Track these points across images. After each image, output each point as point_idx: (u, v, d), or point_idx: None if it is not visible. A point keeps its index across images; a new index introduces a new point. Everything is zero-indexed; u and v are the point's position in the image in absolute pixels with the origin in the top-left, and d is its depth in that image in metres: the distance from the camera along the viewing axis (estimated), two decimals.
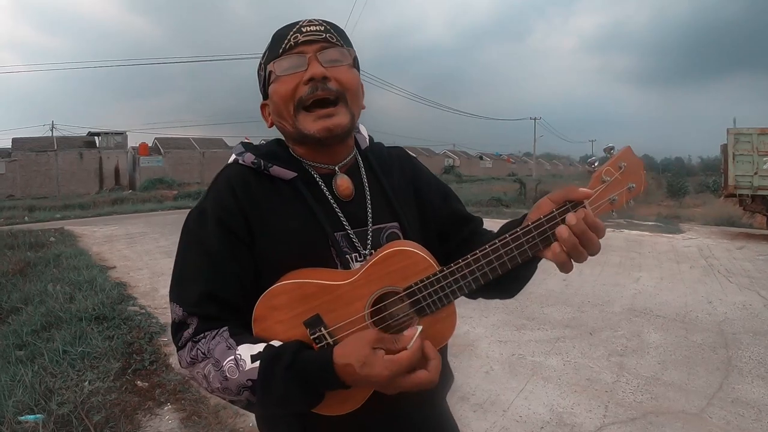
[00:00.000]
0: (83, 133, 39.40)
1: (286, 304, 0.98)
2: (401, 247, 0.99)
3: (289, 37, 1.05)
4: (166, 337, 4.87)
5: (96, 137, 38.07)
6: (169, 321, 1.07)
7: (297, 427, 1.06)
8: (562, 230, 0.91)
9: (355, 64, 1.11)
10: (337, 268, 1.04)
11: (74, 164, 34.36)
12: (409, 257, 0.98)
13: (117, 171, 35.88)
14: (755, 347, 4.63)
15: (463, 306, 1.15)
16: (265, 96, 1.13)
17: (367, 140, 1.21)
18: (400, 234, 1.10)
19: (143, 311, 5.81)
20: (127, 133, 39.00)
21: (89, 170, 34.76)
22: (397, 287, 0.97)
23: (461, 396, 3.68)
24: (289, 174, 1.08)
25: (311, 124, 1.04)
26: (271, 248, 1.04)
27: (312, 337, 0.95)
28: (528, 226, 0.94)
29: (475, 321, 5.33)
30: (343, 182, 1.10)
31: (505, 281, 1.02)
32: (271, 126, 1.13)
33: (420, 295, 0.96)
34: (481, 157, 65.97)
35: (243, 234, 1.03)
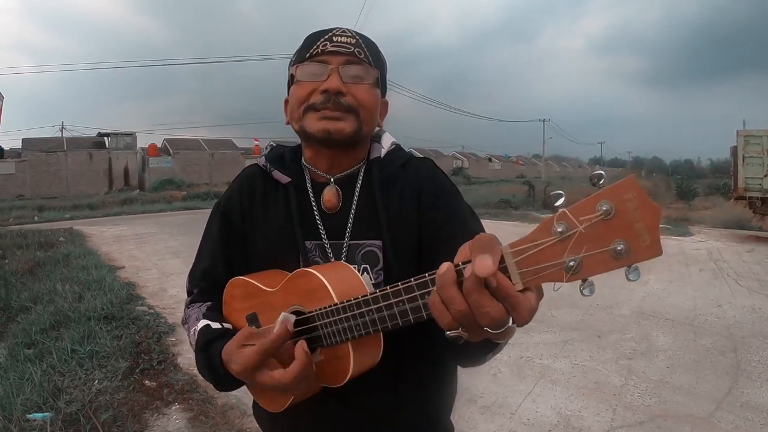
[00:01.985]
0: (93, 133, 39.65)
1: (238, 296, 1.09)
2: (310, 270, 0.96)
3: (318, 44, 1.05)
4: (174, 337, 4.89)
5: (105, 138, 38.24)
6: (177, 321, 1.15)
7: (268, 419, 1.17)
8: (432, 296, 0.70)
9: (378, 83, 1.10)
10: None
11: (84, 165, 34.53)
12: (312, 281, 0.95)
13: (126, 171, 36.03)
14: (764, 351, 4.59)
15: None
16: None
17: (384, 151, 1.15)
18: (380, 253, 1.06)
19: (151, 311, 5.82)
20: (136, 133, 39.19)
21: (99, 171, 34.92)
22: (304, 308, 0.97)
23: (469, 398, 3.67)
24: (284, 178, 1.13)
25: (314, 123, 1.04)
26: (254, 245, 1.14)
27: None
28: (424, 276, 0.77)
29: None
30: (329, 194, 1.10)
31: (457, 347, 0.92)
32: (288, 123, 1.14)
33: (319, 323, 0.93)
34: (489, 159, 65.82)
35: (238, 227, 1.16)
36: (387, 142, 1.17)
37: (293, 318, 0.92)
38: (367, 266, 1.06)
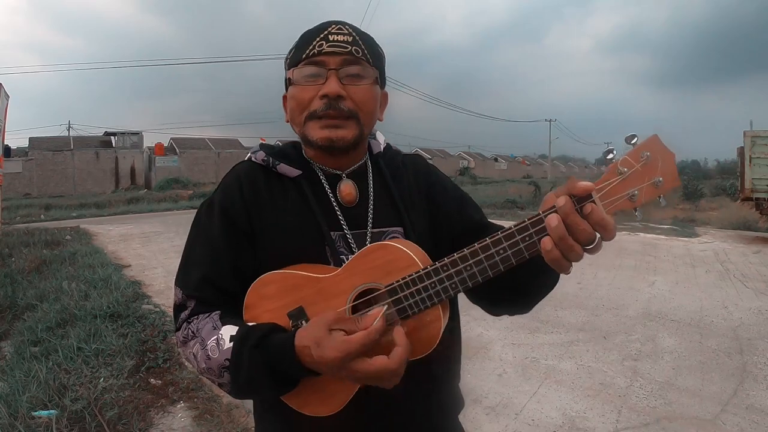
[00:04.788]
0: (99, 132, 39.84)
1: (274, 293, 1.00)
2: (386, 243, 0.96)
3: (313, 44, 1.03)
4: None
5: (112, 137, 38.44)
6: None
7: (286, 427, 1.06)
8: (551, 218, 0.81)
9: (378, 81, 1.10)
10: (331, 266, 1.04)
11: (90, 163, 34.71)
12: (391, 253, 0.93)
13: (133, 170, 36.18)
14: None
15: (476, 308, 1.15)
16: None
17: (382, 146, 1.20)
18: (403, 238, 1.07)
19: (157, 309, 5.84)
20: (143, 133, 39.41)
21: (105, 170, 35.10)
22: (379, 284, 0.93)
23: (474, 399, 3.67)
24: (294, 172, 1.10)
25: (317, 131, 1.04)
26: (270, 242, 1.06)
27: (293, 329, 0.95)
28: (524, 222, 0.84)
29: (489, 323, 5.30)
30: (347, 188, 1.10)
31: (520, 291, 1.00)
32: (288, 121, 1.13)
33: (401, 294, 0.91)
34: (496, 159, 65.80)
35: (244, 226, 1.06)
36: (381, 138, 1.22)
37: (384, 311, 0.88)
38: None
